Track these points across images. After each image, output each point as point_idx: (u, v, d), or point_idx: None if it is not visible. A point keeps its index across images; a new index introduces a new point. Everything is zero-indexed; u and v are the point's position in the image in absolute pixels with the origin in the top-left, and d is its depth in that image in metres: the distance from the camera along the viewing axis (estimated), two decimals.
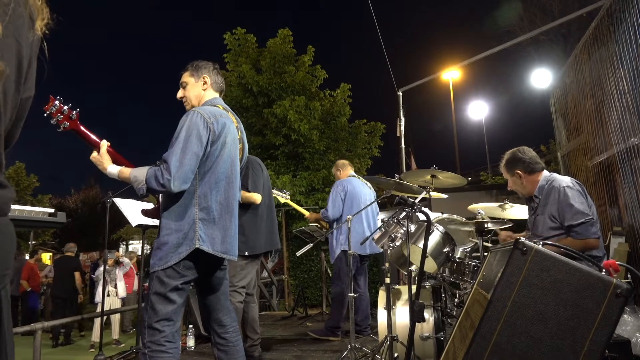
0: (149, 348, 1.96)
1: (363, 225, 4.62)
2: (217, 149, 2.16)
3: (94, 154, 2.18)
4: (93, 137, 2.20)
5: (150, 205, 2.47)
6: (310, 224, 5.84)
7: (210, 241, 2.09)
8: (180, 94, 2.39)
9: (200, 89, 2.37)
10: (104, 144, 2.19)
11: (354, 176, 5.01)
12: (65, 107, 2.11)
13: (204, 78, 2.38)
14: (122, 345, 8.22)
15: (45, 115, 2.07)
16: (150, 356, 1.95)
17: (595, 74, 5.21)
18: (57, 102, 2.09)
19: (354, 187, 4.78)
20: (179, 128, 2.10)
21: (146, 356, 1.96)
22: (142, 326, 2.04)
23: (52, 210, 2.13)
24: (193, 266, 2.07)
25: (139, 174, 2.06)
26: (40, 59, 0.96)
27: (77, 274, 9.25)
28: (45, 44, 0.96)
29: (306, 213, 5.32)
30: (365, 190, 4.87)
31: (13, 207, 1.94)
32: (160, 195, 2.19)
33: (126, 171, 2.12)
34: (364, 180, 5.03)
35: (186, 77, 2.39)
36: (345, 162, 5.22)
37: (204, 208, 2.10)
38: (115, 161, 2.19)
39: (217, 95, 2.42)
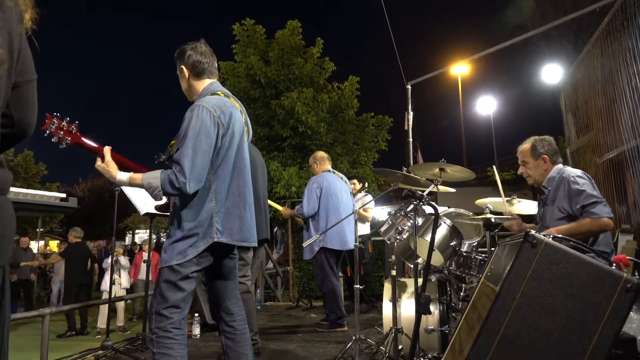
0: (156, 334, 1.98)
1: (342, 222, 4.48)
2: (227, 141, 2.14)
3: (98, 162, 2.12)
4: (96, 146, 2.13)
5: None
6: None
7: (228, 232, 2.10)
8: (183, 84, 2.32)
9: (185, 81, 2.28)
10: (107, 151, 2.12)
11: (329, 171, 4.95)
12: (64, 123, 2.04)
13: (182, 68, 2.26)
14: (128, 332, 8.31)
15: (45, 135, 1.99)
16: (157, 342, 1.97)
17: (608, 69, 5.15)
18: (55, 120, 2.02)
19: (330, 184, 4.74)
20: (185, 125, 2.05)
21: (153, 341, 1.98)
22: (150, 312, 2.06)
23: (63, 195, 2.13)
24: (207, 255, 2.08)
25: (152, 180, 2.02)
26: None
27: (95, 265, 9.23)
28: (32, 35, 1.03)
29: (281, 208, 5.27)
30: (340, 186, 4.82)
31: (25, 191, 1.97)
32: None
33: (137, 178, 2.06)
34: (339, 174, 4.99)
35: (177, 70, 2.30)
36: (324, 155, 5.13)
37: (219, 200, 2.09)
38: (120, 164, 2.14)
39: (209, 80, 2.28)
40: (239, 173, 2.22)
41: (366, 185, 6.13)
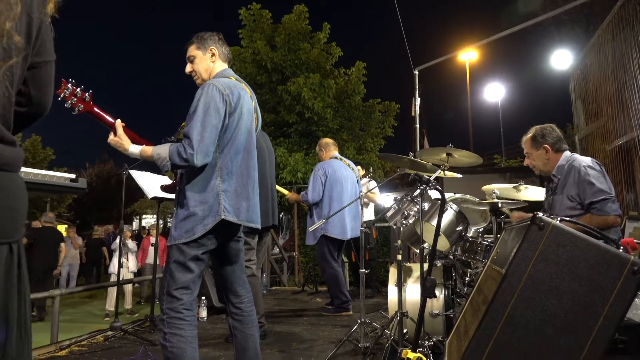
0: (167, 314, 2.02)
1: (344, 210, 4.51)
2: (235, 120, 2.17)
3: (111, 136, 2.17)
4: (108, 117, 2.19)
5: (168, 180, 2.48)
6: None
7: (235, 212, 2.12)
8: (188, 68, 2.36)
9: (208, 62, 2.33)
10: (119, 125, 2.17)
11: (336, 157, 4.94)
12: (78, 90, 2.10)
13: (211, 50, 2.33)
14: (136, 315, 8.43)
15: (59, 99, 2.08)
16: (168, 322, 2.01)
17: (619, 55, 5.08)
18: (69, 85, 2.09)
19: (335, 171, 4.73)
20: (195, 101, 2.10)
21: (164, 322, 2.01)
22: (161, 293, 2.09)
23: (73, 175, 2.15)
24: (213, 237, 2.10)
25: (161, 151, 2.07)
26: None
27: (103, 249, 9.22)
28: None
29: (287, 193, 5.29)
30: (346, 173, 4.81)
31: (35, 171, 1.99)
32: (178, 170, 2.21)
33: (148, 150, 2.12)
34: (347, 161, 4.98)
35: (193, 51, 2.34)
36: (330, 141, 5.11)
37: (226, 179, 2.12)
38: (132, 140, 2.19)
39: (226, 66, 2.39)
40: (247, 154, 2.25)
41: (371, 170, 6.12)
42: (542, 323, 1.30)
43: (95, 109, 2.16)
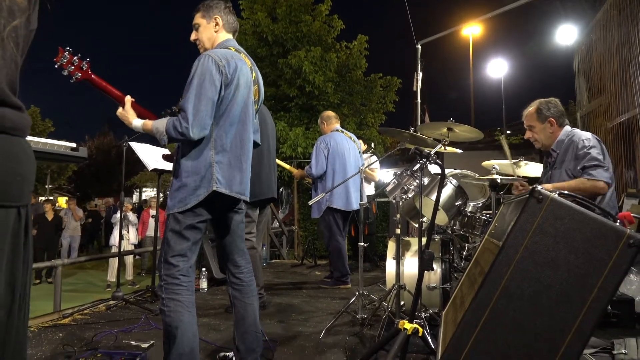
0: (165, 280, 2.08)
1: (347, 182, 4.53)
2: (231, 92, 2.17)
3: (120, 109, 2.23)
4: (114, 90, 2.24)
5: (168, 151, 2.49)
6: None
7: (228, 183, 2.14)
8: (193, 36, 2.36)
9: (212, 31, 2.32)
10: (128, 99, 2.23)
11: (338, 130, 4.93)
12: (75, 58, 2.12)
13: (215, 19, 2.32)
14: (137, 286, 8.55)
15: (56, 67, 2.09)
16: (165, 288, 2.07)
17: (624, 31, 5.01)
18: (66, 54, 2.10)
19: (337, 143, 4.74)
20: (191, 73, 2.10)
21: (162, 288, 2.08)
22: (159, 261, 2.14)
23: (74, 144, 2.15)
24: (208, 207, 2.13)
25: (159, 125, 2.10)
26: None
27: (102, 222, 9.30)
28: None
29: (294, 170, 5.31)
30: (349, 145, 4.82)
31: (35, 139, 1.99)
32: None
33: (148, 123, 2.17)
34: (348, 134, 4.97)
35: (198, 19, 2.33)
36: (331, 114, 5.10)
37: (220, 151, 2.13)
38: (140, 115, 2.24)
39: (230, 36, 2.37)
40: (242, 127, 2.24)
41: (372, 145, 6.11)
42: (537, 294, 1.33)
43: (94, 77, 2.17)
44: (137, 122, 2.20)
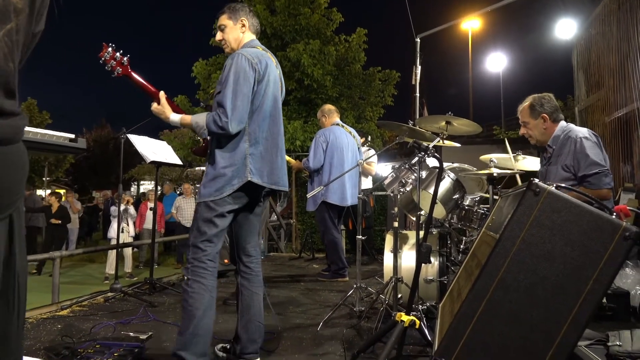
0: (192, 264, 2.20)
1: (344, 177, 4.54)
2: (262, 88, 2.29)
3: (154, 105, 2.35)
4: (149, 86, 2.36)
5: (165, 146, 2.50)
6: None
7: (260, 174, 2.26)
8: (219, 36, 2.47)
9: (239, 32, 2.45)
10: (163, 95, 2.35)
11: (338, 124, 4.93)
12: (118, 54, 2.27)
13: (242, 21, 2.44)
14: (135, 278, 8.56)
15: (100, 62, 2.24)
16: (192, 270, 2.19)
17: (623, 25, 5.00)
18: (109, 49, 2.25)
19: (337, 138, 4.73)
20: (226, 71, 2.22)
21: (188, 270, 2.20)
22: (187, 245, 2.26)
23: (72, 135, 2.16)
24: (239, 197, 2.25)
25: (199, 120, 2.23)
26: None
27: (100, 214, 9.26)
28: None
29: (292, 161, 5.31)
30: (348, 140, 4.81)
31: (34, 130, 1.99)
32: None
33: (187, 118, 2.30)
34: (348, 128, 4.97)
35: (224, 20, 2.45)
36: (332, 107, 5.10)
37: (253, 144, 2.26)
38: (172, 110, 2.37)
39: (254, 37, 2.50)
40: (273, 121, 2.38)
41: (369, 138, 6.10)
42: (533, 285, 1.34)
43: (133, 74, 2.32)
44: (174, 117, 2.33)
